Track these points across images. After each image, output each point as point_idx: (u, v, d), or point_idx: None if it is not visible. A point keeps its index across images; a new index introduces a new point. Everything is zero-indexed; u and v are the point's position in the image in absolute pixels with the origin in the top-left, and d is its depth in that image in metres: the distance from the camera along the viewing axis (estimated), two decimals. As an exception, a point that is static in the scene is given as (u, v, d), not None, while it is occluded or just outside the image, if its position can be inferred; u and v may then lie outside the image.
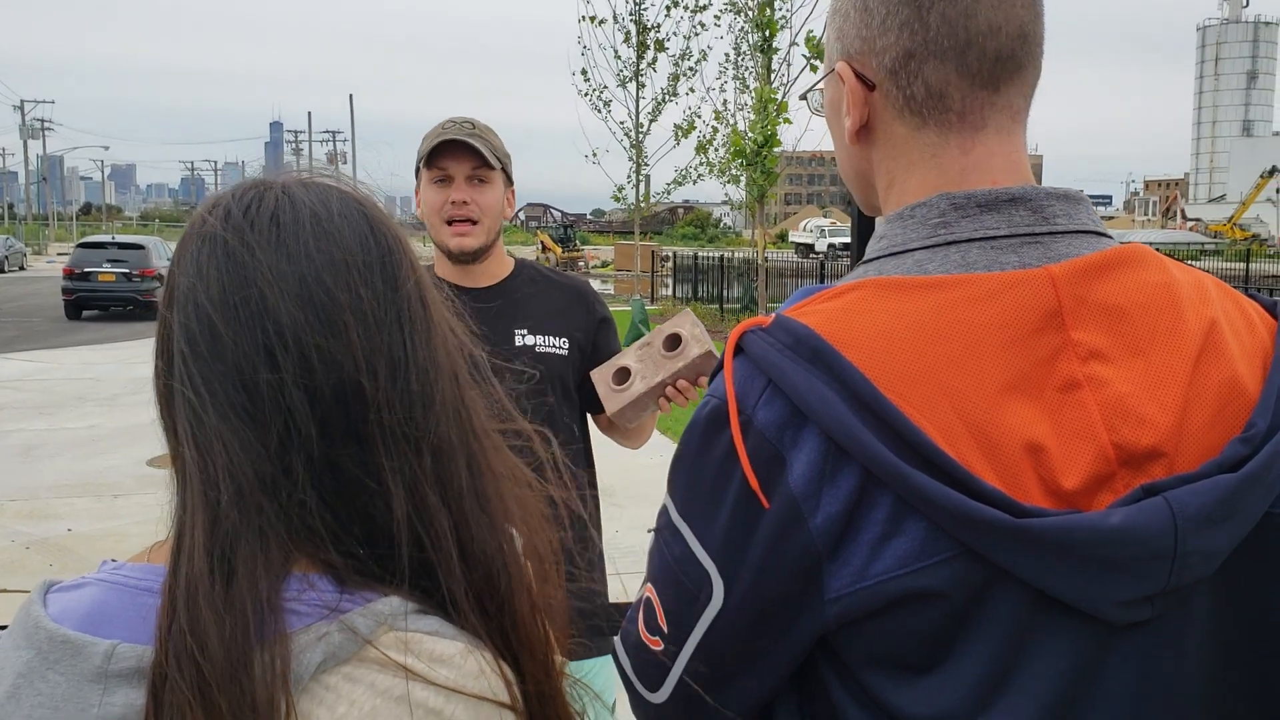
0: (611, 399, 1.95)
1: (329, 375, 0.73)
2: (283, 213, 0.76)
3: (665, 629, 0.88)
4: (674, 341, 1.93)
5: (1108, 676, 0.80)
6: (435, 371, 0.78)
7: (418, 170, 2.22)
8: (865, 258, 0.92)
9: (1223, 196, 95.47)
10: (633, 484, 6.44)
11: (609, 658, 0.97)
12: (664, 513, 0.90)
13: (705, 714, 0.89)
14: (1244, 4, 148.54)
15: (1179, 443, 0.79)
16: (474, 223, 2.16)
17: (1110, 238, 0.89)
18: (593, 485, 2.24)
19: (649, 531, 0.92)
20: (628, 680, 0.95)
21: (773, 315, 0.85)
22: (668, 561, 0.88)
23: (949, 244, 0.85)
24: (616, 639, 0.97)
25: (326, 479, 0.73)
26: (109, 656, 0.69)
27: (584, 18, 18.01)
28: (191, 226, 0.78)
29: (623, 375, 1.96)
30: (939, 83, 0.88)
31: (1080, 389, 0.79)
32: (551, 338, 2.21)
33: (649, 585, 0.91)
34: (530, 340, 2.20)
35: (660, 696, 0.91)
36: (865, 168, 0.97)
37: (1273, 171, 61.42)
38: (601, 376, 1.99)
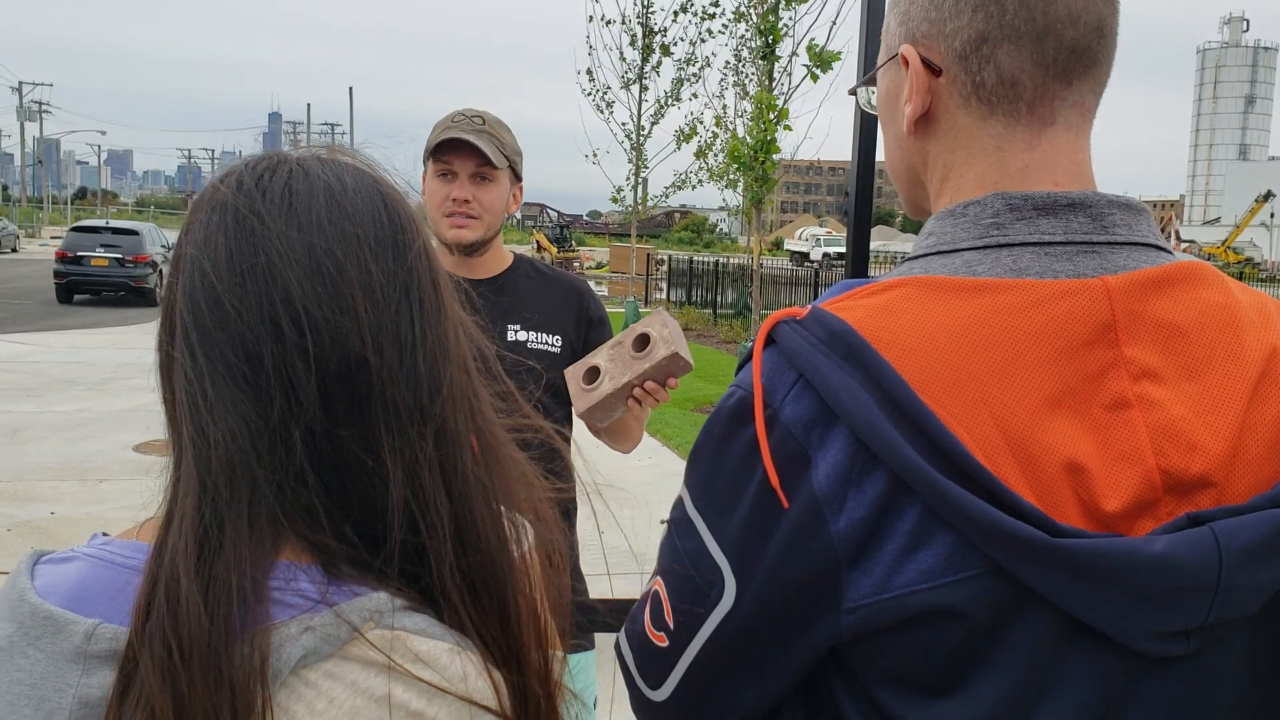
0: (580, 398, 1.93)
1: (334, 349, 0.71)
2: (296, 183, 0.75)
3: (671, 625, 0.85)
4: (643, 342, 1.91)
5: (1135, 712, 0.76)
6: (444, 355, 0.76)
7: (425, 159, 2.20)
8: (911, 254, 0.87)
9: (1217, 219, 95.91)
10: (622, 486, 6.43)
11: (591, 654, 0.96)
12: (679, 504, 0.86)
13: (707, 715, 0.86)
14: (1244, 28, 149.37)
15: (1230, 473, 0.75)
16: (473, 218, 2.15)
17: (1170, 253, 0.84)
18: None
19: (662, 523, 0.89)
20: (629, 676, 0.91)
21: (809, 307, 0.81)
22: (679, 555, 0.84)
23: (1001, 246, 0.81)
24: (620, 632, 0.94)
25: (326, 455, 0.71)
26: (89, 636, 0.66)
27: (592, 17, 18.05)
28: (202, 195, 0.76)
29: (592, 375, 1.94)
30: (1012, 69, 0.83)
31: (1129, 409, 0.75)
32: (544, 334, 2.20)
33: (658, 579, 0.87)
34: (523, 336, 2.19)
35: (662, 694, 0.87)
36: (918, 162, 0.92)
37: (1268, 196, 61.72)
38: (573, 375, 1.97)
